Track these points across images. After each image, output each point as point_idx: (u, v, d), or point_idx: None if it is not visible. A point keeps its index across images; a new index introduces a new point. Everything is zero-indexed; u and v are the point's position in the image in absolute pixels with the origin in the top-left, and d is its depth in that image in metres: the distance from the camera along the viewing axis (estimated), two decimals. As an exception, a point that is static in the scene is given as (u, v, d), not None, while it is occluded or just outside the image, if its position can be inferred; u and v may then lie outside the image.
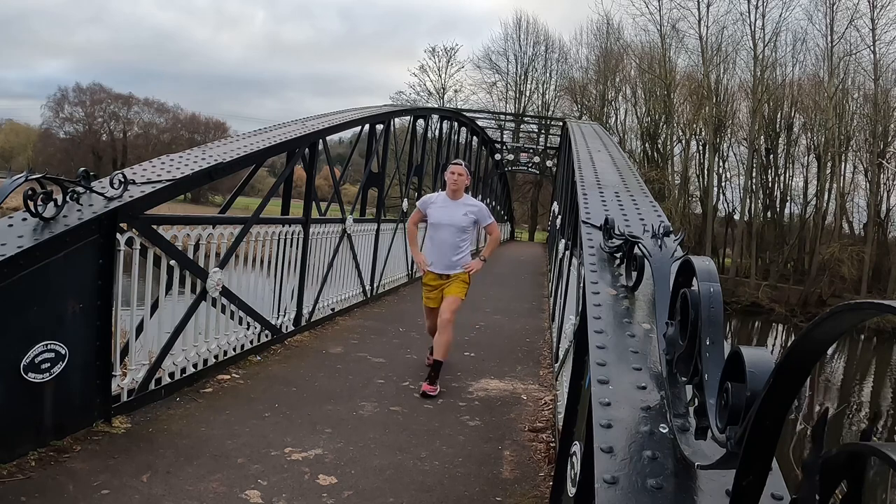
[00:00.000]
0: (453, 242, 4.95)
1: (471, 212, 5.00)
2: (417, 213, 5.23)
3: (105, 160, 47.95)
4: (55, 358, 3.10)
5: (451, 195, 5.02)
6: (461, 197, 5.04)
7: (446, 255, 4.96)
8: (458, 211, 4.96)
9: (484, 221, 5.05)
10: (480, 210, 5.08)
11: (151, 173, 4.05)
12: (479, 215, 5.03)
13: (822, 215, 33.79)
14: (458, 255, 4.97)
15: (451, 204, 5.00)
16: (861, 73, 33.34)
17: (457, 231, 4.95)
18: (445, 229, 4.95)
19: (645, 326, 1.95)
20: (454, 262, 4.97)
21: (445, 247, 4.96)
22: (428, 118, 12.59)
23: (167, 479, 2.99)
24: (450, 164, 5.12)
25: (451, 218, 4.94)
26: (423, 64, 45.97)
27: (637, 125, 39.60)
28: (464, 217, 4.96)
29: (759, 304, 30.64)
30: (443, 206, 5.02)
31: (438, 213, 5.01)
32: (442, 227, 4.97)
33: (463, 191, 5.05)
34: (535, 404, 4.74)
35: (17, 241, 2.98)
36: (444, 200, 5.05)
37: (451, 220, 4.94)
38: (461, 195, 5.04)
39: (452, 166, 5.05)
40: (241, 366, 4.87)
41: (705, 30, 36.02)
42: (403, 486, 3.16)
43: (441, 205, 5.03)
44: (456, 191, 5.00)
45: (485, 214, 5.07)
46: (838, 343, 22.74)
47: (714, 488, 1.21)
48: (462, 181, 5.01)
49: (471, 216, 4.99)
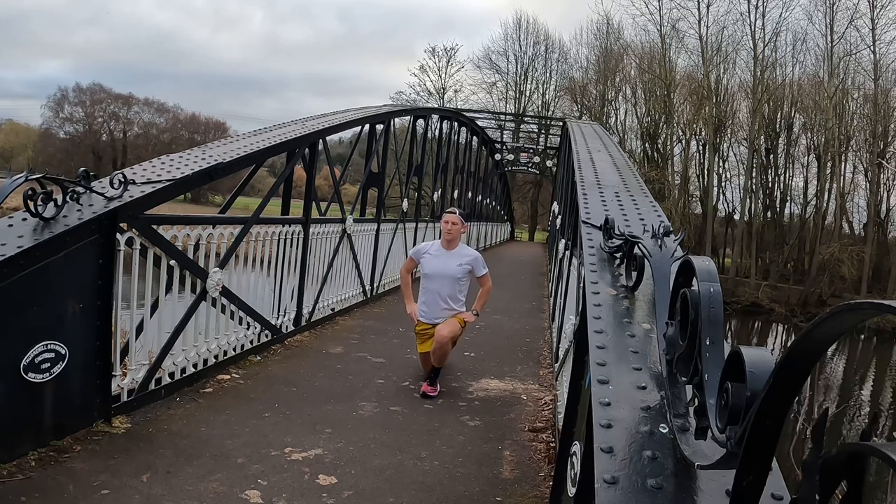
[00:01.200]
0: (447, 293, 4.83)
1: (466, 262, 4.87)
2: (410, 262, 5.14)
3: (105, 160, 47.93)
4: (55, 358, 3.10)
5: (446, 245, 4.91)
6: (456, 247, 4.94)
7: (440, 305, 4.84)
8: (452, 262, 4.84)
9: (478, 272, 4.90)
10: (475, 260, 4.93)
11: (151, 173, 4.05)
12: (473, 265, 4.90)
13: (822, 215, 33.78)
14: (451, 305, 4.86)
15: (445, 254, 4.88)
16: (861, 73, 33.36)
17: (451, 282, 4.83)
18: (439, 280, 4.83)
19: (645, 326, 1.95)
20: (448, 314, 4.86)
21: (439, 298, 4.83)
22: (428, 118, 12.59)
23: (167, 479, 2.99)
24: (445, 213, 5.00)
25: (446, 269, 4.82)
26: (423, 64, 45.96)
27: (637, 125, 39.61)
28: (458, 268, 4.83)
29: (759, 304, 30.63)
30: (436, 255, 4.89)
31: (432, 263, 4.87)
32: (435, 279, 4.84)
33: (458, 240, 4.96)
34: (535, 404, 4.74)
35: (17, 241, 2.98)
36: (438, 250, 4.92)
37: (445, 271, 4.82)
38: (456, 245, 4.94)
39: (447, 215, 4.93)
40: (241, 366, 4.87)
41: (705, 30, 36.04)
42: (403, 486, 3.16)
43: (435, 254, 4.90)
44: (451, 241, 4.89)
45: (479, 264, 4.92)
46: (838, 343, 22.75)
47: (714, 488, 1.21)
48: (457, 231, 4.89)
49: (465, 266, 4.86)
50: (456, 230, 4.88)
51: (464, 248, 5.01)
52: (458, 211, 5.03)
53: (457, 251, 4.91)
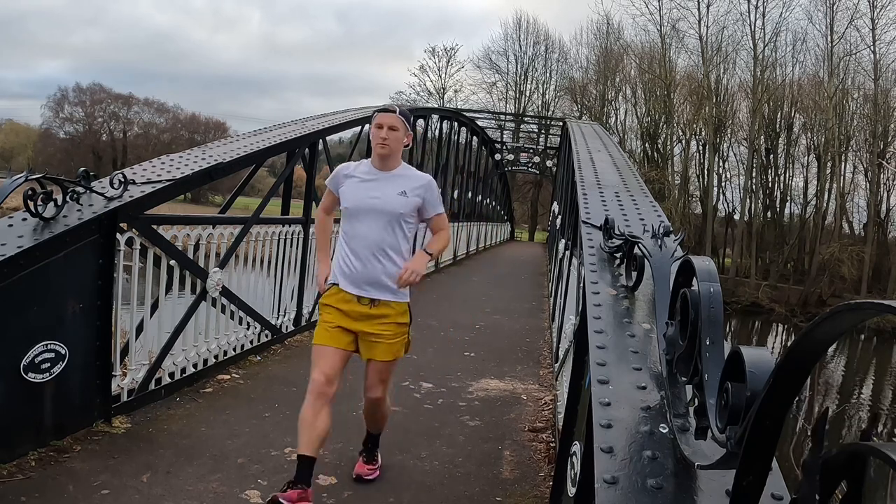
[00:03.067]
0: (386, 242, 2.88)
1: (413, 191, 2.92)
2: (328, 196, 3.12)
3: (105, 160, 47.94)
4: (55, 358, 3.10)
5: (380, 162, 2.94)
6: (397, 165, 2.97)
7: (371, 264, 2.86)
8: (391, 188, 2.90)
9: (431, 209, 3.01)
10: (428, 188, 2.98)
11: (151, 173, 4.05)
12: (425, 196, 2.96)
13: (822, 215, 33.80)
14: (388, 263, 2.87)
15: (381, 178, 2.93)
16: (861, 73, 33.37)
17: (390, 222, 2.88)
18: (370, 219, 2.88)
19: (645, 326, 1.95)
20: (382, 278, 2.86)
21: (372, 250, 2.86)
22: (428, 118, 12.59)
23: (167, 479, 2.99)
24: (376, 112, 2.95)
25: (381, 200, 2.88)
26: (422, 64, 46.02)
27: (637, 125, 39.63)
28: (401, 199, 2.89)
29: (759, 304, 30.63)
30: (366, 179, 2.94)
31: (358, 192, 2.91)
32: (364, 217, 2.89)
33: (399, 156, 3.00)
34: (535, 404, 4.74)
35: (17, 241, 2.98)
36: (370, 171, 2.96)
37: (379, 205, 2.87)
38: (397, 163, 2.97)
39: (380, 115, 2.91)
40: (241, 366, 4.87)
41: (705, 30, 36.05)
42: (403, 486, 3.16)
43: (364, 177, 2.95)
44: (387, 157, 2.91)
45: (434, 196, 3.02)
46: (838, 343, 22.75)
47: (714, 488, 1.21)
48: (396, 140, 2.90)
49: (413, 197, 2.92)
50: (395, 139, 2.89)
51: (409, 170, 3.05)
52: (401, 106, 3.11)
53: (398, 172, 2.96)
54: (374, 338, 2.89)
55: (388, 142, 2.87)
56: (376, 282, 2.86)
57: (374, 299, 2.86)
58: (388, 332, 2.90)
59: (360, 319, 2.87)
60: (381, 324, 2.87)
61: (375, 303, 2.86)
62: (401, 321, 2.94)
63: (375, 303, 2.86)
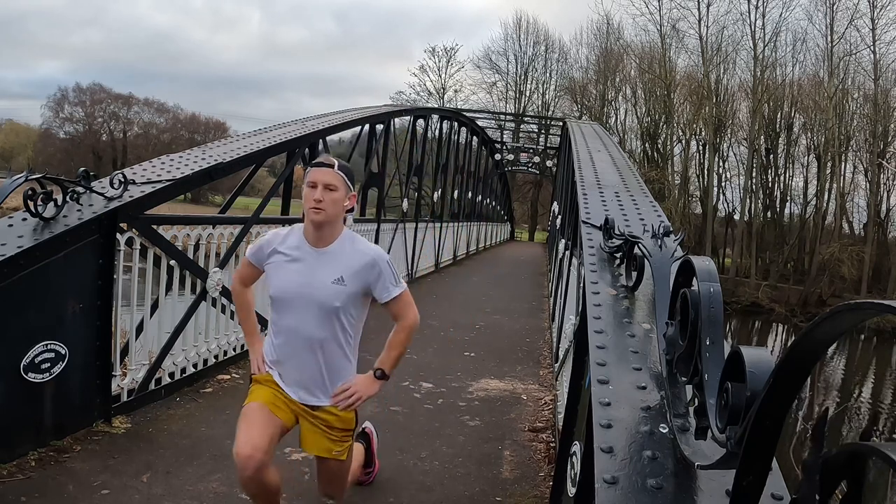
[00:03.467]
0: (321, 337, 2.26)
1: (353, 275, 2.24)
2: (247, 268, 2.46)
3: (105, 160, 47.97)
4: (55, 358, 3.10)
5: (314, 234, 2.26)
6: (335, 237, 2.28)
7: (305, 365, 2.29)
8: (323, 272, 2.23)
9: (385, 291, 2.30)
10: (372, 267, 2.27)
11: (151, 173, 4.05)
12: (369, 280, 2.27)
13: (822, 215, 33.80)
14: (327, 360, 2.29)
15: (311, 257, 2.27)
16: (861, 73, 33.37)
17: (322, 316, 2.24)
18: (299, 312, 2.25)
19: (645, 326, 1.95)
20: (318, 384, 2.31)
21: (301, 349, 2.27)
22: (428, 118, 12.60)
23: (167, 479, 2.99)
24: (310, 167, 2.34)
25: (309, 288, 2.22)
26: (422, 64, 46.07)
27: (637, 125, 39.63)
28: (335, 288, 2.22)
29: (759, 304, 30.64)
30: (293, 258, 2.28)
31: (283, 275, 2.28)
32: (291, 308, 2.26)
33: (340, 223, 2.30)
34: (535, 404, 4.74)
35: (17, 241, 2.98)
36: (299, 245, 2.29)
37: (307, 293, 2.22)
38: (335, 233, 2.28)
39: (313, 171, 2.25)
40: (241, 366, 4.87)
41: (705, 30, 36.06)
42: (403, 486, 3.16)
43: (290, 254, 2.29)
44: (322, 224, 2.23)
45: (386, 275, 2.29)
46: (838, 343, 22.75)
47: (714, 488, 1.21)
48: (334, 202, 2.22)
49: (353, 285, 2.25)
50: (333, 202, 2.21)
51: (352, 243, 2.31)
52: (340, 161, 2.33)
53: (336, 248, 2.28)
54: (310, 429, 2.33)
55: (323, 205, 2.18)
56: (314, 388, 2.30)
57: (313, 406, 2.31)
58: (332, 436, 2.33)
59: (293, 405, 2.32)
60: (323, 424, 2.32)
61: (317, 409, 2.31)
62: (346, 428, 2.36)
63: (317, 409, 2.31)
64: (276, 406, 2.28)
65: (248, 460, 2.18)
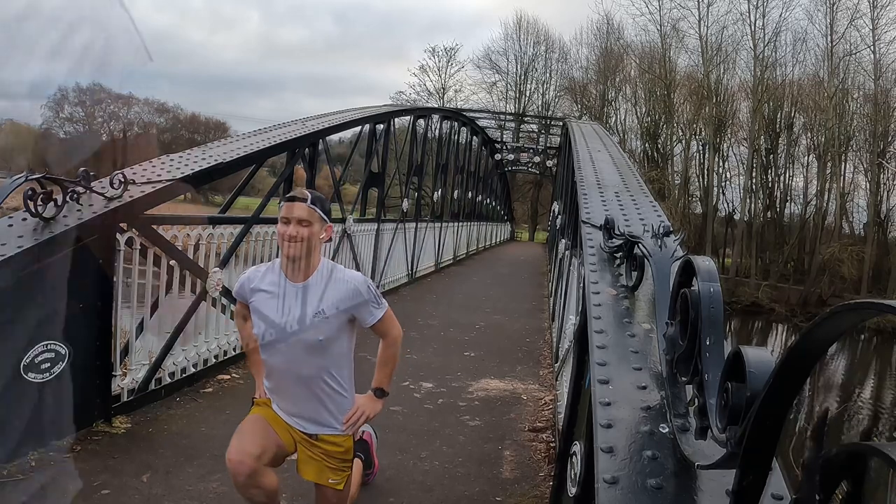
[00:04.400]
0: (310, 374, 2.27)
1: (333, 306, 2.24)
2: (239, 304, 2.47)
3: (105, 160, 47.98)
4: (55, 358, 3.10)
5: (291, 268, 2.26)
6: (312, 270, 2.27)
7: (300, 401, 2.32)
8: (306, 305, 2.24)
9: (368, 316, 2.32)
10: (355, 295, 2.27)
11: (151, 173, 4.05)
12: (351, 308, 2.27)
13: (823, 215, 33.78)
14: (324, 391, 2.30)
15: (290, 292, 2.26)
16: (861, 72, 33.34)
17: (309, 352, 2.24)
18: (284, 350, 2.26)
19: (645, 326, 1.95)
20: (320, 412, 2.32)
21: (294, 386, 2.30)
22: (428, 118, 12.60)
23: (167, 479, 2.99)
24: (283, 200, 2.33)
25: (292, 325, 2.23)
26: (423, 64, 45.92)
27: (637, 125, 39.61)
28: (316, 322, 2.22)
29: (759, 304, 30.63)
30: (272, 294, 2.28)
31: (267, 313, 2.27)
32: (276, 347, 2.27)
33: (317, 255, 2.29)
34: (535, 404, 4.74)
35: (17, 241, 2.98)
36: (277, 281, 2.29)
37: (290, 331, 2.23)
38: (312, 266, 2.27)
39: (287, 206, 2.26)
40: (241, 366, 4.87)
41: (705, 30, 36.05)
42: (403, 486, 3.16)
43: (270, 291, 2.28)
44: (297, 259, 2.23)
45: (368, 302, 2.30)
46: (838, 343, 22.75)
47: (714, 488, 1.21)
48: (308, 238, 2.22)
49: (335, 316, 2.24)
50: (307, 236, 2.23)
51: (332, 272, 2.31)
52: (313, 194, 2.30)
53: (315, 281, 2.27)
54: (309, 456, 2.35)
55: (296, 241, 2.19)
56: (313, 419, 2.33)
57: (312, 435, 2.34)
58: (330, 464, 2.35)
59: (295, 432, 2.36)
60: (321, 452, 2.35)
61: (315, 437, 2.34)
62: (343, 457, 2.38)
63: (315, 437, 2.34)
64: (277, 423, 2.34)
65: (239, 466, 2.21)
